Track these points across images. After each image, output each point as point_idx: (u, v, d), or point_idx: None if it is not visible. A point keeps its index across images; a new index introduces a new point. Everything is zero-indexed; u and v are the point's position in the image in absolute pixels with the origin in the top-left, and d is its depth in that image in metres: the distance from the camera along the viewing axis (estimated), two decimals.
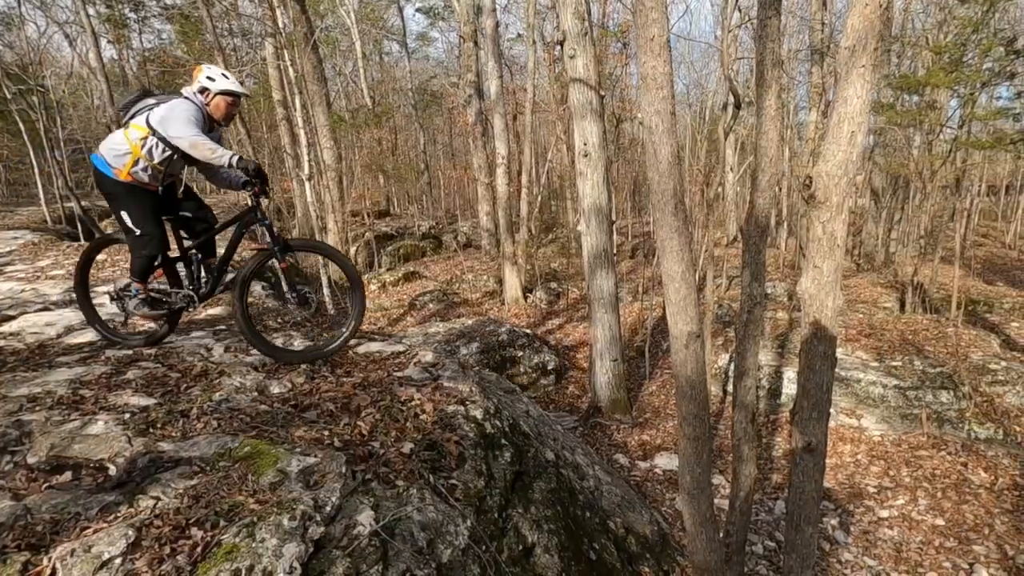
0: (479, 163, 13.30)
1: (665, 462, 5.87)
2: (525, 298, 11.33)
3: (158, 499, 1.87)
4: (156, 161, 2.90)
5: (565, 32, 6.03)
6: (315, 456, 2.23)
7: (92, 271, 3.71)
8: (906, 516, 5.25)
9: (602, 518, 3.59)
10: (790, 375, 7.40)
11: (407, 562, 1.91)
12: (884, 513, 5.31)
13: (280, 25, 8.83)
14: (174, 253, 3.31)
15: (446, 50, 27.81)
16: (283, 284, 3.25)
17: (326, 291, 8.94)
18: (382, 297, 11.47)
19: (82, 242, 10.57)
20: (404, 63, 22.50)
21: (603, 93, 6.73)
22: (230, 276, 3.29)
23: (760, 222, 2.63)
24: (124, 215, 2.91)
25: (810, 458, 2.20)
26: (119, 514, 1.79)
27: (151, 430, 2.36)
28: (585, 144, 6.26)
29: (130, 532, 1.68)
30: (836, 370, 7.27)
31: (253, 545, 1.68)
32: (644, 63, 1.84)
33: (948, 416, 6.54)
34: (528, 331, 8.87)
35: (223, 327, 4.16)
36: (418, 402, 3.01)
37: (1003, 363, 7.23)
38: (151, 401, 2.65)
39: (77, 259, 3.36)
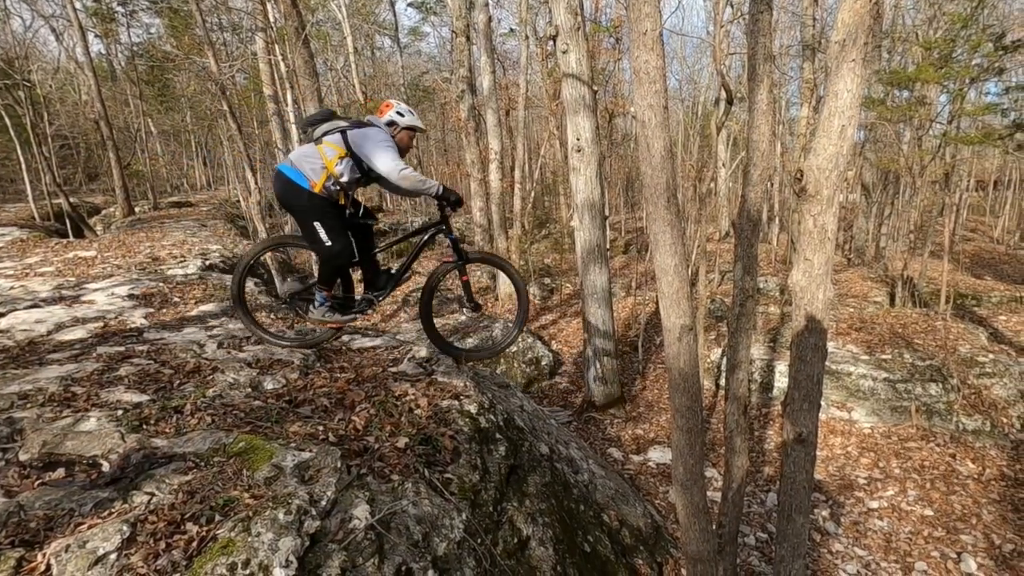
0: (472, 159, 13.27)
1: (658, 455, 5.91)
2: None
3: (152, 495, 1.87)
4: (345, 179, 3.05)
5: (558, 27, 6.02)
6: (310, 451, 2.23)
7: (82, 268, 3.70)
8: (896, 507, 5.32)
9: (596, 511, 3.62)
10: (781, 369, 7.46)
11: (403, 555, 1.92)
12: (874, 504, 5.37)
13: (271, 19, 8.76)
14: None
15: (438, 45, 27.68)
16: (471, 293, 3.54)
17: None
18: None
19: (71, 239, 10.48)
20: (396, 58, 22.34)
21: (596, 88, 6.73)
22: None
23: (752, 216, 2.65)
24: (318, 226, 3.00)
25: (801, 449, 2.22)
26: (113, 510, 1.79)
27: (144, 426, 2.35)
28: (578, 139, 6.26)
29: (125, 528, 1.68)
30: (827, 363, 7.33)
31: (249, 539, 1.68)
32: (637, 57, 1.84)
33: (937, 408, 6.62)
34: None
35: (215, 323, 4.14)
36: (412, 397, 3.01)
37: (991, 356, 7.32)
38: (144, 397, 2.63)
39: (235, 273, 3.34)
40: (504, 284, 11.14)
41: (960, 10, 8.82)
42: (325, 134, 3.03)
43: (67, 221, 11.77)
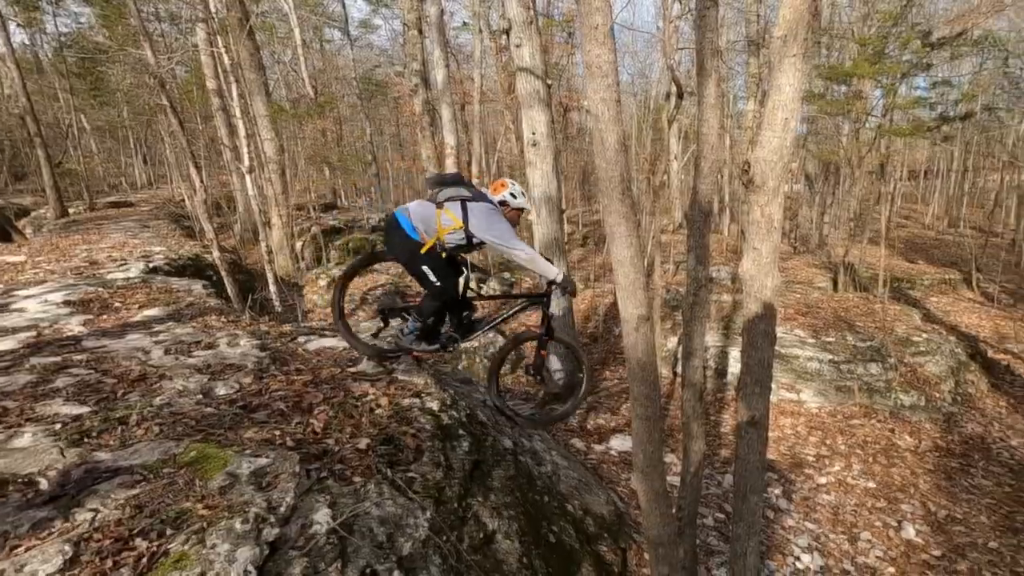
0: (427, 154, 13.12)
1: (620, 444, 6.02)
2: (479, 288, 11.32)
3: (97, 511, 1.77)
4: (451, 246, 3.28)
5: (510, 21, 6.00)
6: (267, 457, 2.17)
7: (10, 274, 3.47)
8: (842, 481, 5.61)
9: (560, 501, 3.66)
10: (735, 354, 7.73)
11: (367, 558, 1.89)
12: (822, 480, 5.65)
13: (212, 9, 8.38)
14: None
15: (390, 38, 27.17)
16: (542, 365, 3.89)
17: (272, 288, 8.66)
18: (331, 293, 11.20)
19: None
20: (347, 51, 21.80)
21: (550, 82, 6.75)
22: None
23: (703, 207, 2.72)
24: (427, 270, 3.24)
25: (754, 431, 2.31)
26: (54, 529, 1.69)
27: (86, 440, 2.22)
28: (533, 134, 6.27)
29: (67, 548, 1.59)
30: (776, 348, 7.58)
31: (204, 552, 1.62)
32: (589, 51, 1.85)
33: (877, 386, 7.00)
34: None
35: (161, 328, 3.96)
36: (373, 397, 2.97)
37: (924, 335, 7.80)
38: (84, 409, 2.49)
39: (334, 290, 3.59)
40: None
41: (891, 8, 9.30)
42: (448, 199, 3.20)
43: None
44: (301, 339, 4.04)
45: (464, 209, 3.18)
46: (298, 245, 13.00)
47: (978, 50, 12.92)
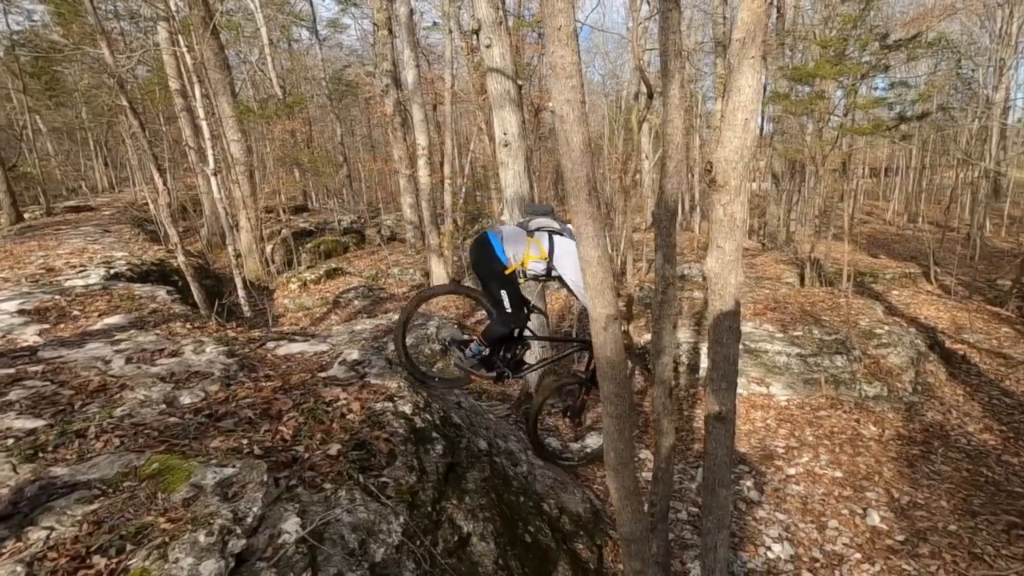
0: (400, 154, 13.02)
1: (595, 442, 6.06)
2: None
3: (52, 529, 1.71)
4: (532, 274, 3.39)
5: (480, 21, 5.99)
6: (233, 467, 2.12)
7: None
8: (810, 472, 5.76)
9: (536, 501, 3.67)
10: (706, 350, 7.85)
11: (338, 566, 1.86)
12: (791, 471, 5.79)
13: (173, 8, 8.16)
14: None
15: (360, 38, 26.85)
16: (582, 410, 4.19)
17: (241, 293, 8.47)
18: (303, 296, 11.00)
19: None
20: (315, 51, 21.44)
21: (521, 82, 6.76)
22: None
23: (670, 206, 2.75)
24: (504, 294, 3.34)
25: (721, 426, 2.35)
26: (5, 550, 1.62)
27: (41, 454, 2.14)
28: (505, 134, 6.27)
29: (19, 568, 1.53)
30: (747, 342, 7.70)
31: (166, 567, 1.58)
32: (552, 52, 1.86)
33: (843, 378, 7.21)
34: (457, 323, 8.84)
35: (122, 336, 3.84)
36: (344, 402, 2.93)
37: (886, 327, 8.06)
38: (39, 423, 2.40)
39: (399, 316, 3.62)
40: (438, 280, 11.04)
41: (850, 11, 9.58)
42: (538, 229, 3.32)
43: None
44: (271, 344, 3.96)
45: (551, 241, 3.27)
46: (268, 248, 12.76)
47: (933, 52, 13.43)
